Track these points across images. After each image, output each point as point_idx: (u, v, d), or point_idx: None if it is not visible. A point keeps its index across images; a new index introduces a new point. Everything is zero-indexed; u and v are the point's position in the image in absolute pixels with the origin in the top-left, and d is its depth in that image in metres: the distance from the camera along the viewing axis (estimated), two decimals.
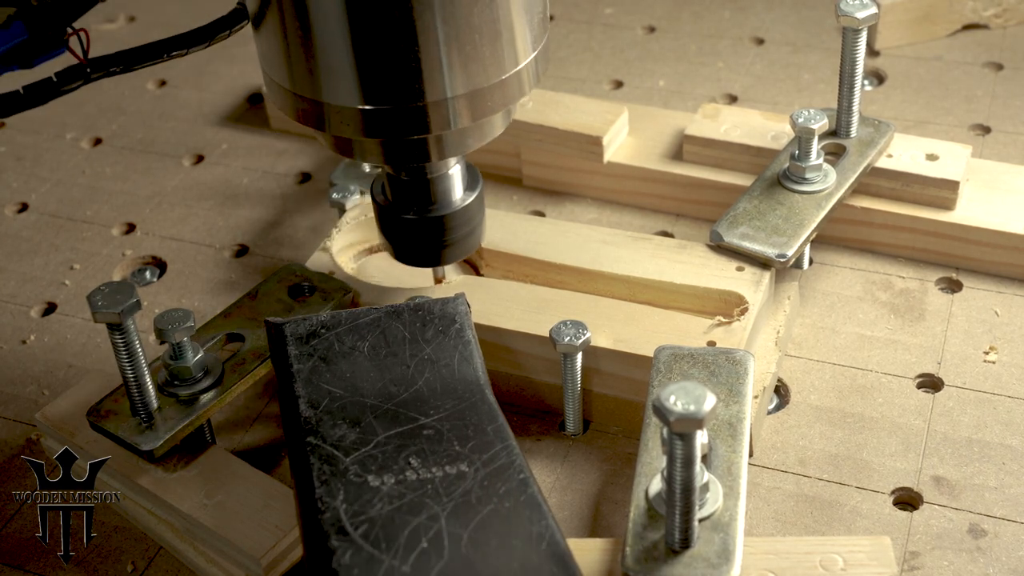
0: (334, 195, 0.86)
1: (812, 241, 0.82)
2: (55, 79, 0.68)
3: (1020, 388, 0.76)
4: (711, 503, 0.62)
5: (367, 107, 0.63)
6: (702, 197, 0.90)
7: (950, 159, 0.84)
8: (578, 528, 0.70)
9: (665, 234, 0.90)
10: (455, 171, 0.70)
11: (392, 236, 0.73)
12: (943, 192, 0.83)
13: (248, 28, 0.72)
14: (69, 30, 0.68)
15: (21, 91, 0.67)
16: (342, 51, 0.61)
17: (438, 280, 0.79)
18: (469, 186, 0.72)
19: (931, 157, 0.84)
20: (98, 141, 1.06)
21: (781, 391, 0.77)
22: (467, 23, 0.61)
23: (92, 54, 0.68)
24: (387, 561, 0.56)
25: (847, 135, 0.84)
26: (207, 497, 0.68)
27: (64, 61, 0.71)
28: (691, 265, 0.77)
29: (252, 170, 1.00)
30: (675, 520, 0.59)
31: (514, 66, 0.64)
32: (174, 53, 0.70)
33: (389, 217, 0.72)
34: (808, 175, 0.81)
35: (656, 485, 0.63)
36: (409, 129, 0.64)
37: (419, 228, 0.71)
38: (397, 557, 0.56)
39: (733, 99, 1.04)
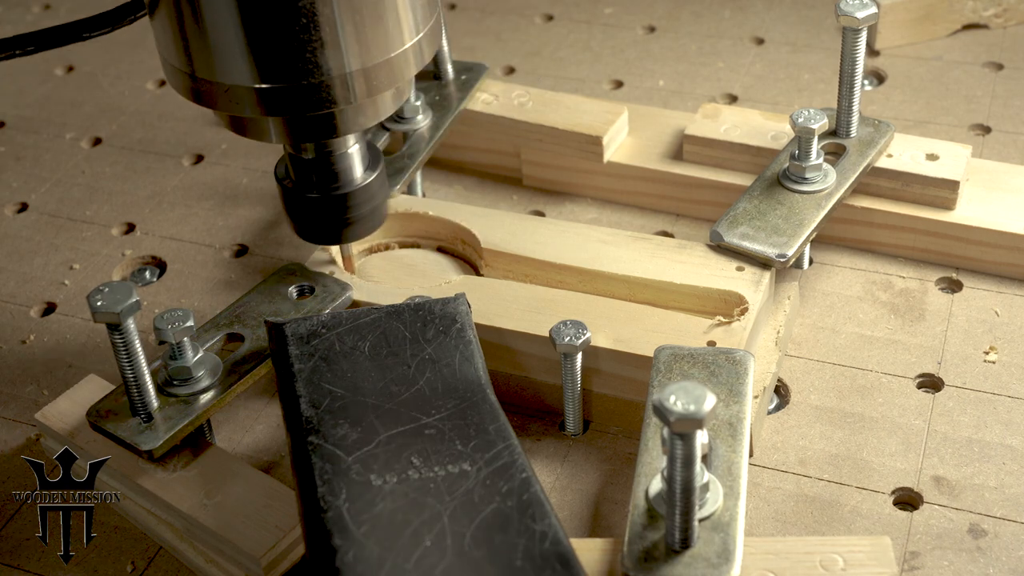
0: None
1: (812, 241, 0.82)
2: None
3: (1020, 388, 0.76)
4: (711, 503, 0.62)
5: (265, 85, 0.64)
6: (702, 197, 0.90)
7: (950, 159, 0.84)
8: (578, 528, 0.70)
9: (665, 234, 0.90)
10: (355, 150, 0.72)
11: (295, 215, 0.75)
12: (943, 192, 0.83)
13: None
14: None
15: None
16: (238, 31, 0.63)
17: (345, 258, 0.80)
18: (370, 165, 0.74)
19: (931, 157, 0.84)
20: (98, 141, 1.06)
21: (781, 391, 0.77)
22: (351, 3, 0.63)
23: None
24: (390, 560, 0.56)
25: (847, 135, 0.84)
26: (207, 497, 0.68)
27: None
28: (691, 265, 0.77)
29: (252, 170, 1.00)
30: (675, 520, 0.59)
31: (400, 45, 0.66)
32: (84, 36, 0.72)
33: (292, 196, 0.74)
34: (808, 175, 0.81)
35: (656, 485, 0.63)
36: (309, 106, 0.65)
37: (321, 206, 0.73)
38: (400, 555, 0.57)
39: (733, 99, 1.04)
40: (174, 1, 0.64)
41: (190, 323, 0.69)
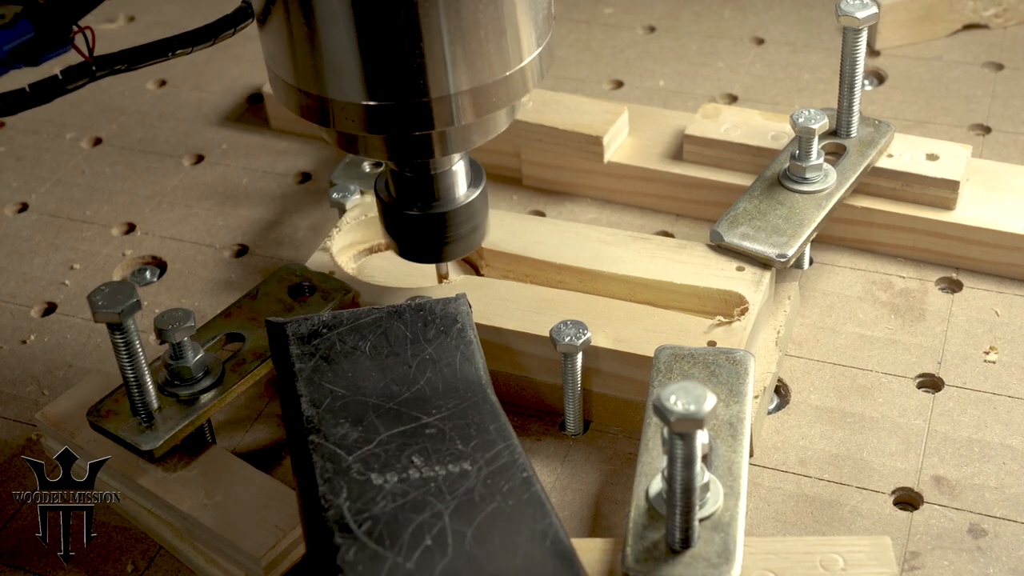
0: (334, 195, 0.86)
1: (812, 241, 0.82)
2: (60, 77, 0.68)
3: (1020, 388, 0.76)
4: (711, 503, 0.62)
5: (371, 103, 0.63)
6: (702, 197, 0.90)
7: (950, 159, 0.84)
8: (578, 528, 0.70)
9: (665, 234, 0.90)
10: (459, 167, 0.70)
11: (395, 232, 0.73)
12: (943, 192, 0.83)
13: (249, 27, 0.72)
14: (75, 28, 0.68)
15: (27, 89, 0.67)
16: (347, 47, 0.61)
17: (442, 277, 0.79)
18: (473, 182, 0.72)
19: (931, 157, 0.84)
20: (98, 141, 1.06)
21: (781, 391, 0.77)
22: (472, 19, 0.61)
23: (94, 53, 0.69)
24: (391, 558, 0.56)
25: (847, 135, 0.84)
26: (207, 497, 0.68)
27: (65, 60, 0.71)
28: (691, 265, 0.77)
29: (252, 170, 1.00)
30: (675, 520, 0.59)
31: (518, 63, 0.64)
32: (179, 51, 0.70)
33: (392, 213, 0.72)
34: (808, 175, 0.81)
35: (656, 485, 0.63)
36: (413, 125, 0.64)
37: (422, 224, 0.71)
38: (401, 554, 0.57)
39: (733, 99, 1.04)
40: (289, 18, 0.62)
41: (190, 323, 0.69)
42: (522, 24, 0.64)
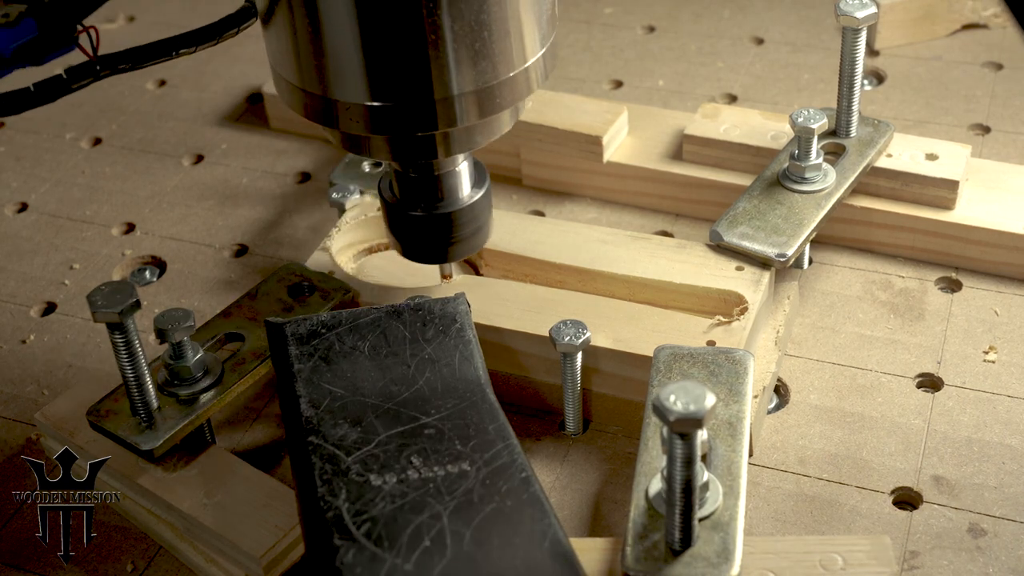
0: (334, 195, 0.86)
1: (812, 241, 0.82)
2: (65, 76, 0.68)
3: (1020, 388, 0.76)
4: (711, 502, 0.62)
5: (375, 103, 0.63)
6: (702, 197, 0.90)
7: (950, 159, 0.84)
8: (578, 528, 0.70)
9: (665, 234, 0.90)
10: (463, 168, 0.70)
11: (400, 233, 0.73)
12: (943, 192, 0.83)
13: (251, 27, 0.72)
14: (79, 27, 0.68)
15: (32, 88, 0.68)
16: (351, 48, 0.61)
17: (445, 277, 0.79)
18: (476, 183, 0.72)
19: (931, 157, 0.84)
20: (98, 141, 1.06)
21: (781, 391, 0.77)
22: (476, 20, 0.61)
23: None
24: (390, 560, 0.56)
25: (847, 135, 0.84)
26: (207, 497, 0.68)
27: (66, 60, 0.71)
28: (691, 265, 0.78)
29: (252, 170, 1.00)
30: (675, 519, 0.59)
31: (522, 63, 0.64)
32: (182, 51, 0.70)
33: (397, 214, 0.72)
34: (808, 175, 0.81)
35: (656, 485, 0.63)
36: (416, 126, 0.64)
37: (427, 225, 0.71)
38: (400, 556, 0.57)
39: (733, 99, 1.04)
40: (293, 18, 0.62)
41: (190, 323, 0.69)
42: (526, 25, 0.64)
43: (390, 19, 0.60)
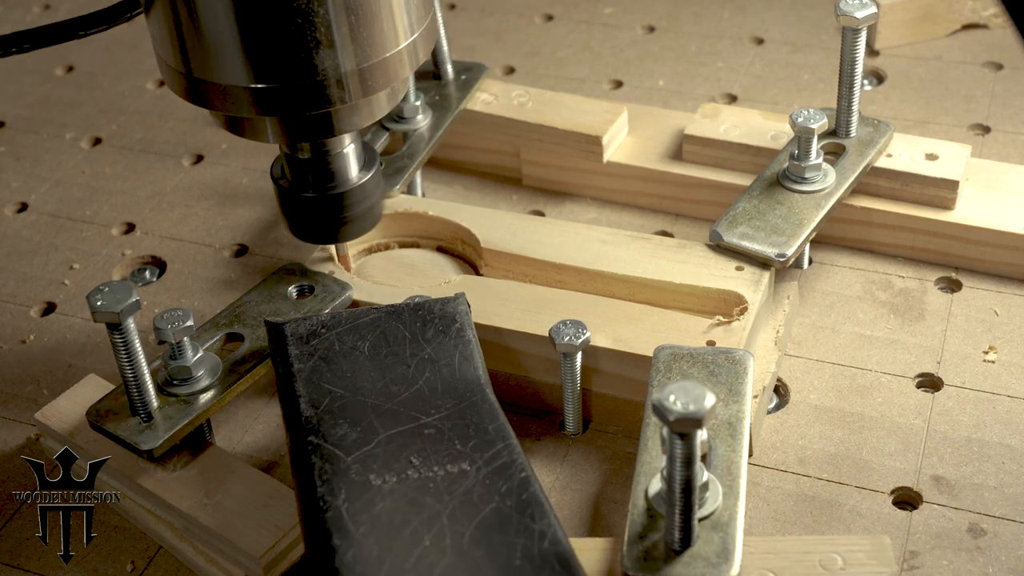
0: None
1: (812, 241, 0.83)
2: None
3: (1020, 388, 0.76)
4: (711, 502, 0.62)
5: (260, 85, 0.65)
6: (702, 197, 0.90)
7: (950, 159, 0.84)
8: (578, 528, 0.70)
9: (665, 234, 0.90)
10: (350, 149, 0.73)
11: (291, 214, 0.75)
12: (943, 192, 0.83)
13: None
14: None
15: None
16: (234, 31, 0.63)
17: (341, 258, 0.81)
18: (366, 165, 0.74)
19: (931, 157, 0.84)
20: (98, 141, 1.06)
21: (781, 391, 0.77)
22: (346, 3, 0.64)
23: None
24: (389, 559, 0.56)
25: (846, 135, 0.84)
26: (207, 497, 0.68)
27: None
28: (691, 265, 0.78)
29: (252, 170, 1.00)
30: (675, 520, 0.59)
31: (395, 45, 0.67)
32: (80, 34, 0.72)
33: (288, 196, 0.74)
34: (808, 175, 0.81)
35: (656, 485, 0.63)
36: (304, 105, 0.65)
37: (318, 205, 0.74)
38: (399, 555, 0.57)
39: (733, 99, 1.04)
40: (170, 1, 0.64)
41: (190, 323, 0.69)
42: (396, 9, 0.66)
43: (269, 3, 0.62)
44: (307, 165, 0.72)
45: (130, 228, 0.96)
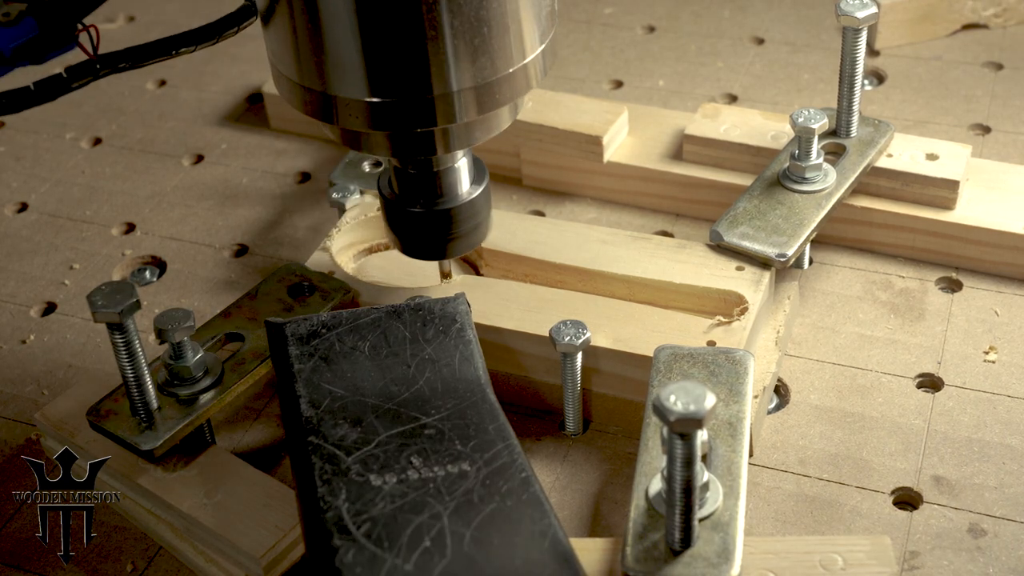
0: (334, 195, 0.86)
1: (812, 241, 0.82)
2: (65, 75, 0.69)
3: (1020, 388, 0.76)
4: (711, 503, 0.62)
5: (374, 99, 0.63)
6: (702, 197, 0.90)
7: (950, 159, 0.84)
8: (578, 528, 0.70)
9: (665, 234, 0.90)
10: (462, 164, 0.71)
11: (399, 229, 0.73)
12: (943, 192, 0.83)
13: (251, 28, 0.72)
14: (79, 26, 0.68)
15: (31, 87, 0.68)
16: (350, 44, 0.62)
17: (445, 274, 0.79)
18: (476, 179, 0.72)
19: (931, 157, 0.84)
20: (98, 141, 1.06)
21: (781, 391, 0.77)
22: (475, 16, 0.61)
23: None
24: (390, 560, 0.56)
25: (847, 135, 0.84)
26: (207, 497, 0.68)
27: (64, 60, 0.71)
28: (691, 265, 0.78)
29: (252, 170, 1.00)
30: (675, 520, 0.59)
31: (521, 60, 0.65)
32: (182, 49, 0.71)
33: (396, 210, 0.72)
34: (808, 175, 0.81)
35: (656, 485, 0.63)
36: (415, 122, 0.64)
37: (426, 221, 0.72)
38: (400, 556, 0.57)
39: (733, 99, 1.04)
40: (292, 15, 0.62)
41: (190, 323, 0.69)
42: (525, 21, 0.64)
43: (389, 15, 0.60)
44: (416, 179, 0.70)
45: (130, 228, 0.96)
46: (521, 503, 0.59)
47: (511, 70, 0.64)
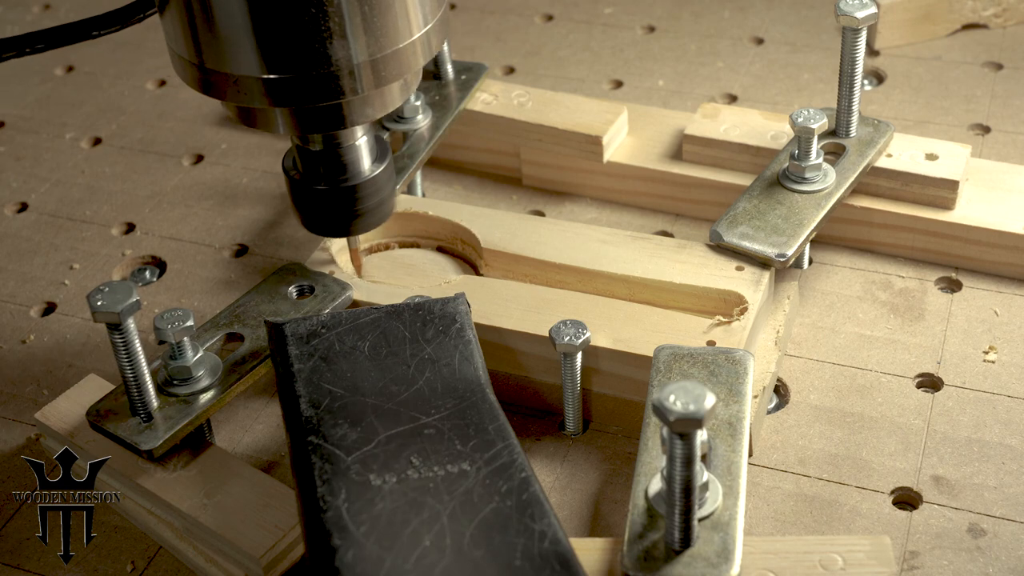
0: None
1: (812, 241, 0.83)
2: None
3: (1020, 388, 0.76)
4: (711, 502, 0.62)
5: (273, 76, 0.64)
6: (702, 197, 0.90)
7: (950, 159, 0.84)
8: (578, 528, 0.70)
9: (665, 234, 0.90)
10: (362, 142, 0.73)
11: (303, 207, 0.75)
12: (943, 192, 0.83)
13: None
14: None
15: None
16: (247, 21, 0.63)
17: (354, 251, 0.80)
18: (378, 158, 0.74)
19: (931, 157, 0.84)
20: (98, 141, 1.06)
21: (781, 391, 0.77)
22: None
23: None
24: (389, 559, 0.56)
25: (847, 135, 0.84)
26: (207, 497, 0.68)
27: None
28: (691, 265, 0.78)
29: (252, 170, 1.00)
30: (675, 520, 0.59)
31: (409, 36, 0.66)
32: (93, 34, 0.72)
33: (300, 188, 0.74)
34: (808, 175, 0.81)
35: (656, 485, 0.63)
36: (317, 96, 0.65)
37: (330, 198, 0.73)
38: (399, 555, 0.57)
39: (733, 99, 1.04)
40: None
41: (190, 323, 0.69)
42: (409, 1, 0.66)
43: None
44: (319, 157, 0.72)
45: (130, 228, 0.96)
46: (521, 503, 0.59)
47: (401, 45, 0.66)
